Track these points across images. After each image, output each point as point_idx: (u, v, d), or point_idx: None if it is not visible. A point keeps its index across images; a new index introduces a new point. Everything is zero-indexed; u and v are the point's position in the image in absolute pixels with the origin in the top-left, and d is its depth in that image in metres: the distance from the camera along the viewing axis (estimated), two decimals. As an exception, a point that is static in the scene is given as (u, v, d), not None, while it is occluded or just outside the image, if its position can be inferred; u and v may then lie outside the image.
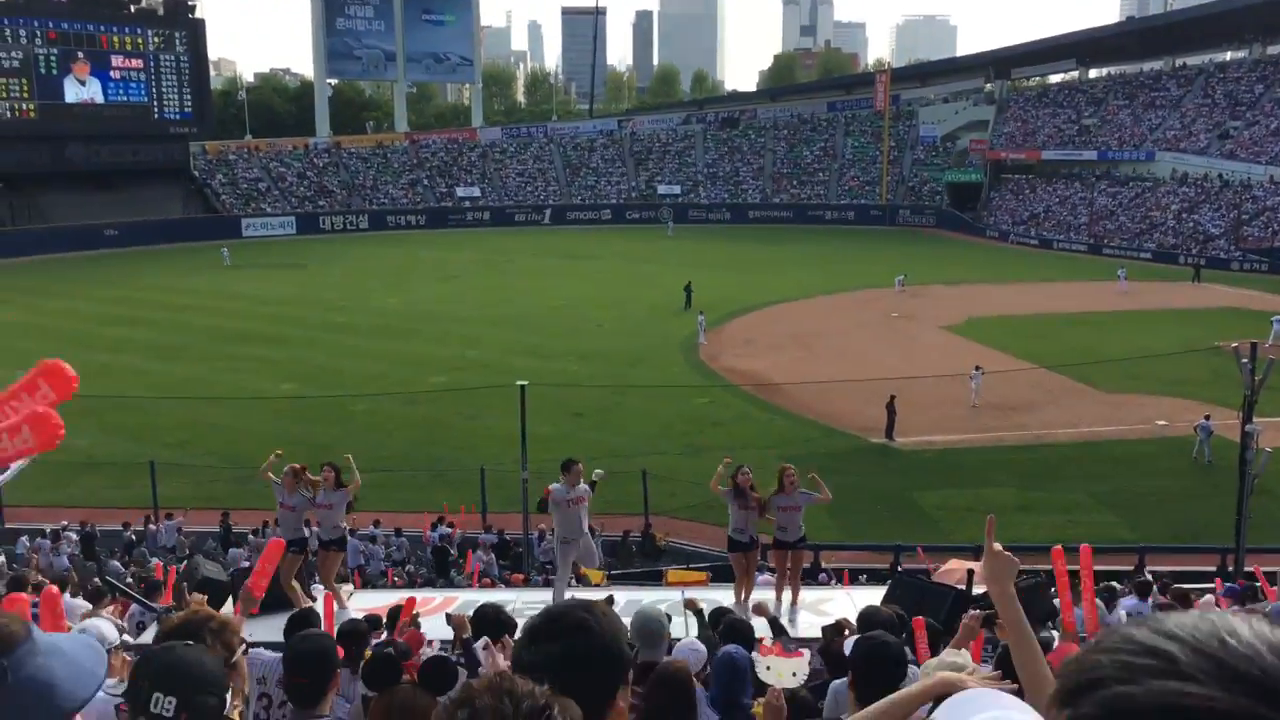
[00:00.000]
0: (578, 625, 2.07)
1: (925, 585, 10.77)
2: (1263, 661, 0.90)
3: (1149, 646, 0.94)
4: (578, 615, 2.11)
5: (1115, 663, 0.95)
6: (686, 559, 21.06)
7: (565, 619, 2.10)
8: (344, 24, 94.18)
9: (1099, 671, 0.95)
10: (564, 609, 2.16)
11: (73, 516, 22.58)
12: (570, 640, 2.05)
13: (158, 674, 2.58)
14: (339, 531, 11.72)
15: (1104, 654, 0.97)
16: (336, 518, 11.61)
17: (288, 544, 11.54)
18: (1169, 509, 23.60)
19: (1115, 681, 0.93)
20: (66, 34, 74.38)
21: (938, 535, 22.23)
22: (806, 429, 29.29)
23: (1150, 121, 79.94)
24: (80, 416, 30.35)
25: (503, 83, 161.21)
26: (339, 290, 53.63)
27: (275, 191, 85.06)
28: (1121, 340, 38.94)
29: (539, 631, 2.10)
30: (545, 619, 2.14)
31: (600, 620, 2.10)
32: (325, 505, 11.44)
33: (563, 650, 2.03)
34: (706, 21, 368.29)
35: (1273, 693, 0.88)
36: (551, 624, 2.10)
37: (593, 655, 2.04)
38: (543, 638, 2.08)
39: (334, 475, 11.51)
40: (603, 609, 2.16)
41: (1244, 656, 0.90)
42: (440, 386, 33.20)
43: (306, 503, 11.43)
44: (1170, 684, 0.90)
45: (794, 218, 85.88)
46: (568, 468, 11.54)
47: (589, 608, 2.16)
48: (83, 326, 44.18)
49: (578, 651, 2.03)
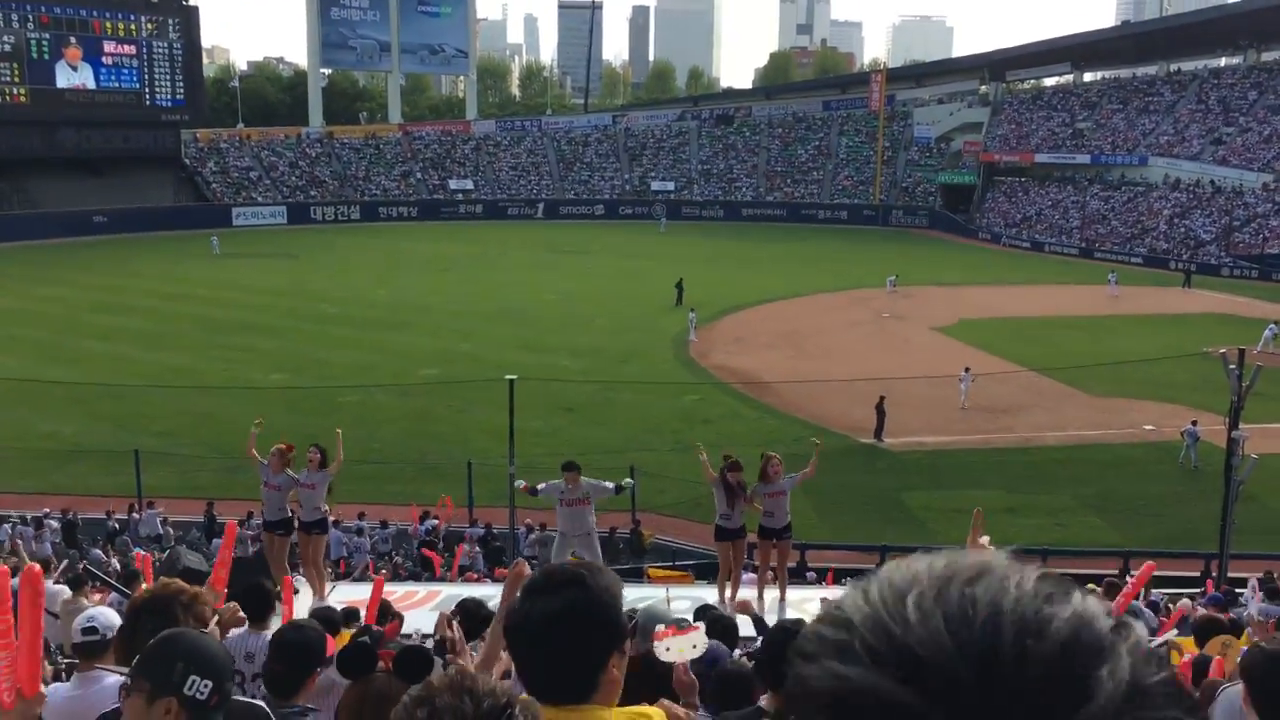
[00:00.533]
0: (573, 580, 2.05)
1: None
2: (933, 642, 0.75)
3: (841, 615, 0.81)
4: (575, 572, 2.10)
5: (813, 635, 0.82)
6: (673, 556, 21.06)
7: (562, 575, 2.09)
8: (338, 14, 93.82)
9: (801, 645, 0.82)
10: (561, 566, 2.17)
11: (56, 504, 22.46)
12: (566, 595, 2.02)
13: (194, 656, 2.57)
14: (319, 514, 11.69)
15: (819, 621, 0.84)
16: (317, 499, 11.59)
17: (274, 524, 11.53)
18: (1155, 513, 23.68)
19: (803, 658, 0.81)
20: (59, 19, 73.94)
21: (925, 536, 22.23)
22: (795, 428, 29.26)
23: (1144, 126, 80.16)
24: (67, 404, 30.30)
25: (497, 76, 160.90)
26: (330, 281, 53.45)
27: (267, 181, 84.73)
28: (1111, 344, 39.03)
29: (536, 588, 2.08)
30: (543, 575, 2.13)
31: (596, 579, 2.08)
32: (308, 485, 11.43)
33: (559, 605, 2.00)
34: (703, 18, 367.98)
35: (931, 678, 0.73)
36: (547, 579, 2.09)
37: (589, 612, 2.01)
38: (539, 593, 2.05)
39: (320, 456, 11.51)
40: (601, 569, 2.14)
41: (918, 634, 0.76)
42: (430, 379, 33.12)
43: (291, 483, 11.42)
44: (837, 666, 0.77)
45: (787, 216, 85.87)
46: (568, 468, 11.64)
47: (587, 566, 2.15)
48: (72, 313, 43.97)
49: (574, 607, 2.00)
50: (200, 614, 3.15)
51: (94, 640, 4.35)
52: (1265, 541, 20.29)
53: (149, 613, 2.98)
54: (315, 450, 11.62)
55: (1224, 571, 17.96)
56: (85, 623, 4.37)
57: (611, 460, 25.12)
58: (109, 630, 4.45)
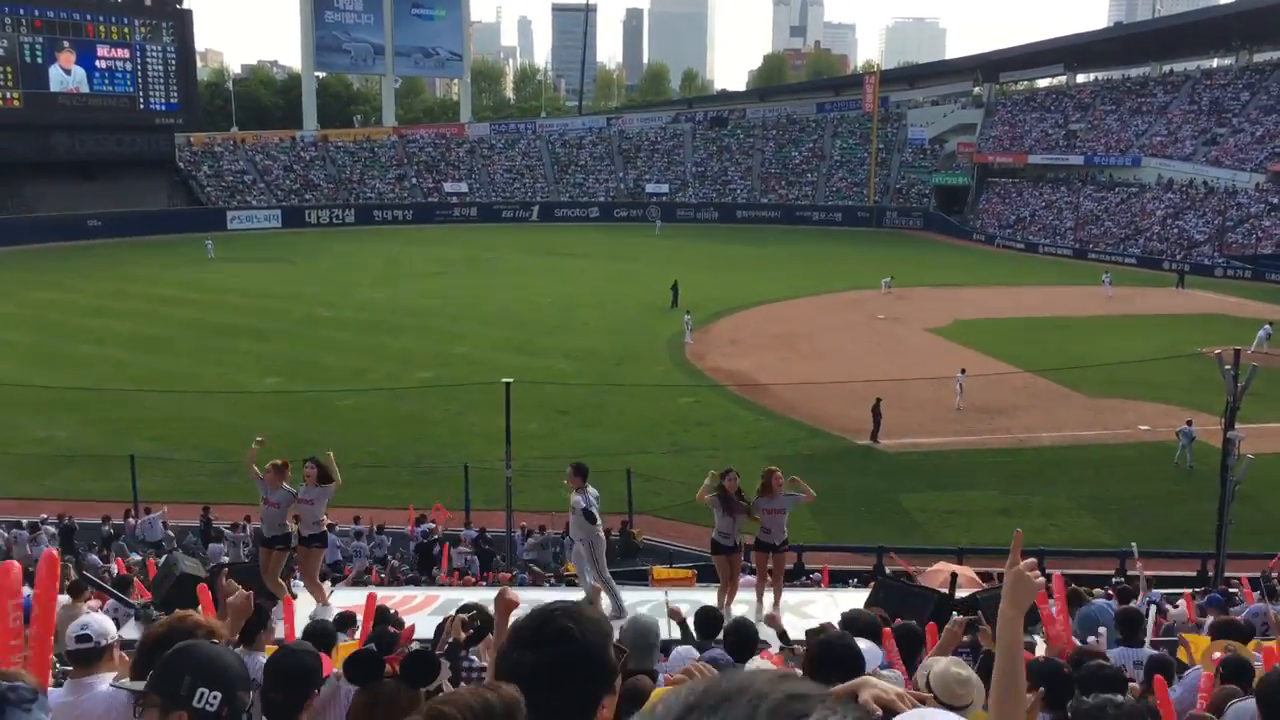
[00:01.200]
0: (560, 633, 2.06)
1: (908, 588, 10.78)
2: None
3: None
4: (561, 624, 2.09)
5: None
6: (670, 558, 21.03)
7: (549, 628, 2.08)
8: (333, 17, 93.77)
9: None
10: (548, 615, 2.13)
11: (51, 509, 22.37)
12: (552, 648, 2.03)
13: (201, 669, 2.58)
14: (319, 528, 11.63)
15: None
16: (317, 513, 11.53)
17: (270, 540, 11.46)
18: (1150, 514, 23.70)
19: None
20: (52, 22, 73.79)
21: (921, 538, 22.29)
22: (791, 430, 29.31)
23: (1136, 127, 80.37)
24: (62, 409, 30.21)
25: (492, 78, 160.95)
26: (324, 284, 53.39)
27: (261, 184, 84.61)
28: (1105, 345, 39.12)
29: (523, 637, 2.09)
30: (531, 626, 2.12)
31: (585, 627, 2.08)
32: (306, 501, 11.36)
33: (544, 658, 2.02)
34: (697, 20, 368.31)
35: None
36: (535, 631, 2.09)
37: (575, 664, 2.03)
38: (526, 644, 2.06)
39: (316, 471, 11.42)
40: (589, 615, 2.14)
41: None
42: (426, 382, 33.08)
43: (290, 498, 11.34)
44: None
45: (781, 218, 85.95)
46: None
47: (574, 615, 2.13)
48: (65, 317, 43.86)
49: (560, 660, 2.02)
50: None
51: (88, 648, 4.32)
52: (1260, 542, 20.32)
53: (161, 648, 2.97)
54: (311, 465, 11.51)
55: (1220, 572, 18.00)
56: (79, 630, 4.35)
57: (607, 463, 25.10)
58: (103, 638, 4.42)
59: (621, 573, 19.17)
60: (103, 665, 4.32)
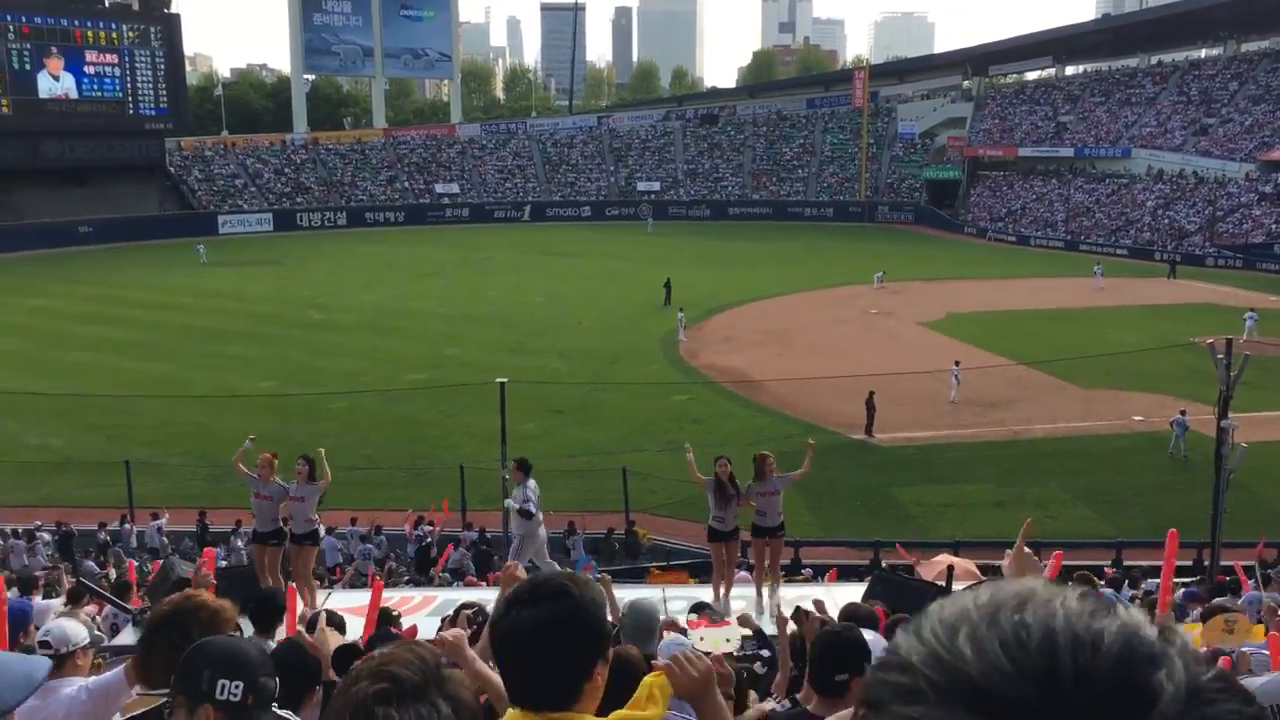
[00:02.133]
0: (559, 591, 2.07)
1: (905, 582, 10.80)
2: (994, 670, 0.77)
3: (899, 659, 0.83)
4: (559, 582, 2.11)
5: (877, 681, 0.84)
6: (668, 556, 21.09)
7: (547, 586, 2.10)
8: (321, 19, 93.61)
9: (867, 693, 0.84)
10: (546, 576, 2.18)
11: (47, 516, 22.35)
12: (550, 604, 2.04)
13: (219, 661, 2.59)
14: (311, 525, 11.66)
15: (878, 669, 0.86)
16: (308, 511, 11.55)
17: (266, 535, 11.49)
18: (1145, 504, 23.80)
19: (870, 708, 0.83)
20: (40, 28, 73.58)
21: (916, 531, 22.33)
22: (786, 425, 29.33)
23: (1126, 118, 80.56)
24: (55, 416, 30.15)
25: (481, 79, 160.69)
26: (317, 287, 53.32)
27: (252, 188, 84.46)
28: (1098, 336, 39.23)
29: (520, 597, 2.09)
30: (528, 585, 2.15)
31: (582, 590, 2.10)
32: (297, 498, 11.39)
33: (543, 615, 2.02)
34: (686, 18, 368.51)
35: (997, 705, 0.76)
36: (533, 590, 2.10)
37: (573, 622, 2.04)
38: (524, 603, 2.06)
39: (308, 469, 11.46)
40: (584, 579, 2.16)
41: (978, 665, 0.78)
42: (419, 384, 33.06)
43: (282, 493, 11.38)
44: (905, 709, 0.80)
45: (773, 214, 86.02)
46: None
47: (572, 577, 2.17)
48: (57, 325, 43.75)
49: (558, 617, 2.02)
50: (219, 630, 3.17)
51: (48, 654, 4.37)
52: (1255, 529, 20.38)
53: (165, 626, 3.00)
54: (303, 463, 11.56)
55: (1215, 560, 18.06)
56: (40, 636, 4.40)
57: (602, 461, 25.21)
58: (64, 645, 4.47)
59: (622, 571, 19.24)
60: (67, 670, 4.39)
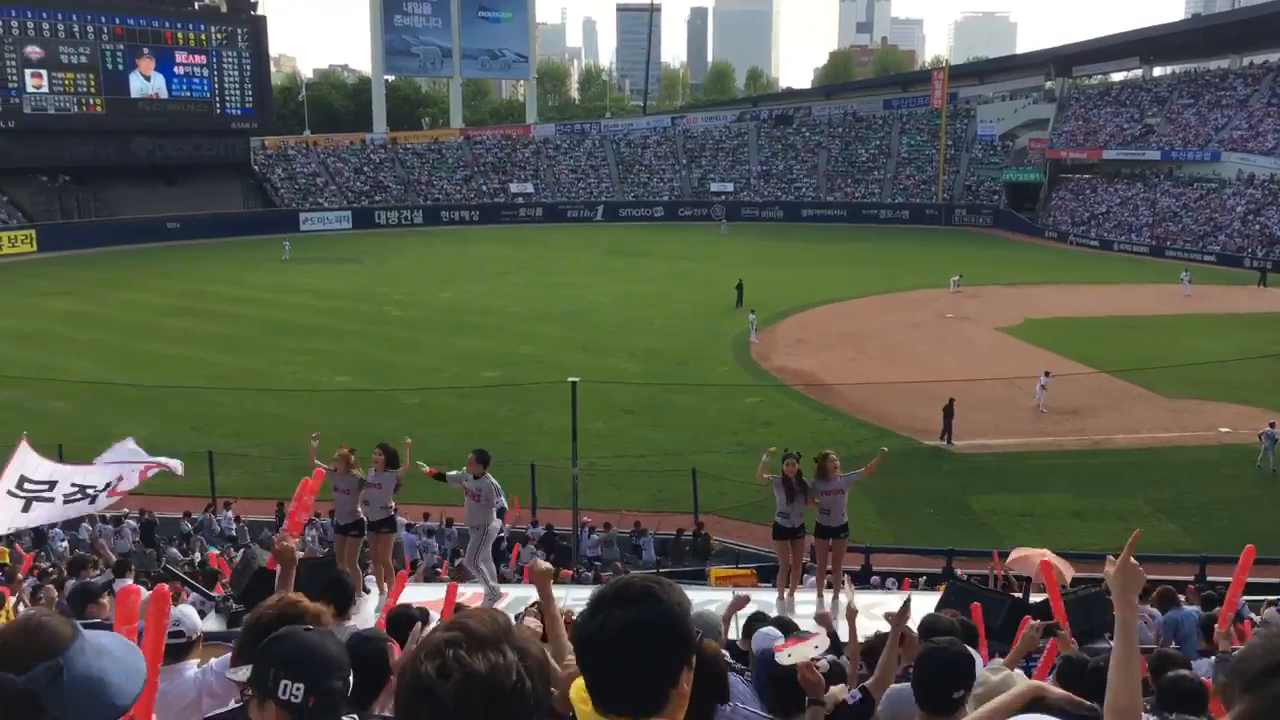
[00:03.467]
0: (646, 593, 2.03)
1: (981, 591, 10.63)
2: None
3: None
4: (646, 584, 2.07)
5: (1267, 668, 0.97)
6: (735, 559, 21.00)
7: (633, 587, 2.06)
8: (402, 21, 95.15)
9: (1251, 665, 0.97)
10: (630, 578, 2.13)
11: (133, 504, 23.04)
12: (639, 607, 1.99)
13: (284, 661, 2.58)
14: (387, 513, 11.88)
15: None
16: (385, 498, 11.76)
17: (345, 527, 11.72)
18: (1232, 518, 23.06)
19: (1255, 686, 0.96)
20: (133, 30, 75.93)
21: (991, 540, 21.90)
22: (858, 430, 29.05)
23: (1216, 121, 78.14)
24: (143, 407, 31.09)
25: (557, 79, 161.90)
26: (393, 284, 54.20)
27: (332, 186, 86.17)
28: (1184, 344, 38.16)
29: (606, 599, 2.05)
30: (613, 587, 2.10)
31: (670, 592, 2.05)
32: (375, 484, 11.59)
33: (631, 618, 1.98)
34: (762, 18, 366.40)
35: None
36: (619, 592, 2.06)
37: (664, 626, 1.99)
38: (612, 604, 2.02)
39: (384, 457, 11.66)
40: (668, 582, 2.11)
41: None
42: (492, 381, 33.43)
43: (358, 484, 11.60)
44: None
45: (848, 216, 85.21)
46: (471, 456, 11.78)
47: (657, 579, 2.12)
48: (146, 318, 45.11)
49: (649, 619, 1.98)
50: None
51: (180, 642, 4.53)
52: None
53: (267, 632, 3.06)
54: (380, 451, 11.80)
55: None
56: (172, 625, 4.54)
57: (672, 462, 25.22)
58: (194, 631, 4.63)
59: (686, 573, 19.22)
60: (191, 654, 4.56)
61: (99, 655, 1.98)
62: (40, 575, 14.41)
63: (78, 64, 73.40)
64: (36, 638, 1.94)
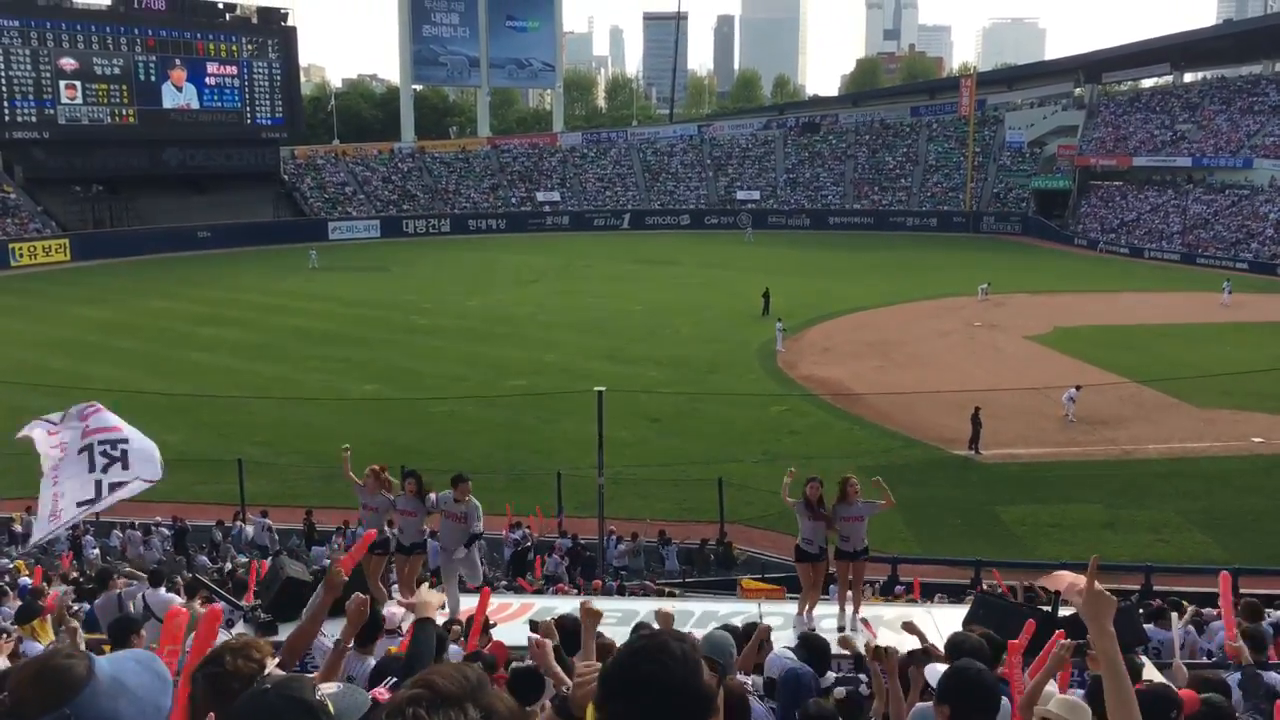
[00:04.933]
0: (676, 653, 2.05)
1: (1009, 606, 10.53)
2: None
3: None
4: (676, 642, 2.08)
5: None
6: (762, 568, 20.93)
7: (667, 645, 2.06)
8: (430, 31, 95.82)
9: None
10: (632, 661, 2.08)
11: (163, 511, 23.26)
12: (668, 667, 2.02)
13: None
14: (421, 536, 11.80)
15: None
16: (419, 524, 11.68)
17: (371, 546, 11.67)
18: (1265, 529, 22.75)
19: None
20: (165, 41, 76.90)
21: (1020, 551, 21.76)
22: (885, 439, 28.90)
23: (1248, 127, 77.25)
24: (173, 414, 31.38)
25: (584, 88, 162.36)
26: (421, 293, 54.48)
27: (361, 195, 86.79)
28: (1216, 353, 37.71)
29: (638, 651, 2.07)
30: (647, 640, 2.10)
31: (671, 665, 2.04)
32: (409, 513, 11.47)
33: (659, 673, 2.00)
34: (788, 26, 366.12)
35: None
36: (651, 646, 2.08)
37: (687, 687, 2.01)
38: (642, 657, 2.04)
39: (417, 486, 11.52)
40: (673, 650, 2.08)
41: None
42: (519, 390, 33.52)
43: (388, 505, 11.52)
44: None
45: (875, 224, 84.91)
46: (456, 483, 11.47)
47: (681, 635, 2.13)
48: (177, 326, 45.57)
49: (672, 681, 2.00)
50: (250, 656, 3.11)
51: None
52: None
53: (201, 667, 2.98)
54: (411, 480, 11.63)
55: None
56: None
57: (699, 471, 25.17)
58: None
59: (714, 583, 19.18)
60: None
61: (115, 697, 1.96)
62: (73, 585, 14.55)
63: (111, 75, 74.42)
64: (46, 686, 1.92)
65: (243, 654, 3.03)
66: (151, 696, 2.04)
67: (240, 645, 3.12)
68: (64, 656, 2.01)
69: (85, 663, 1.97)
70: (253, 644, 3.15)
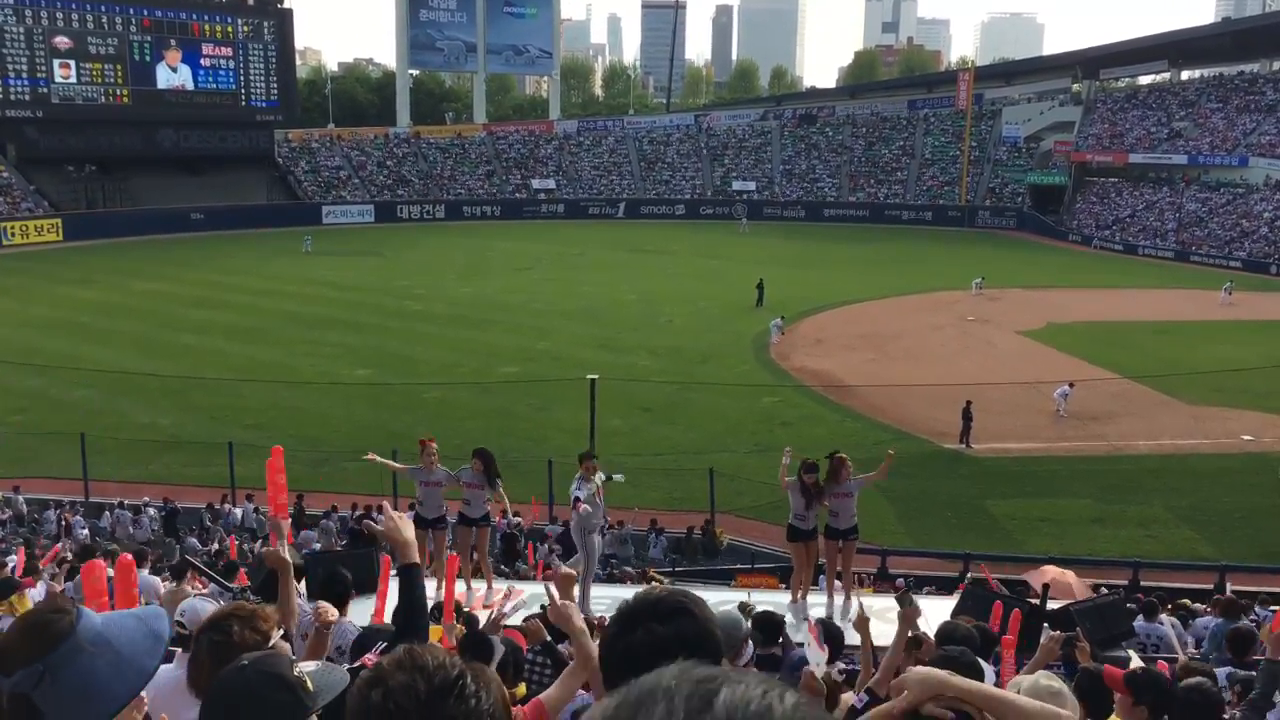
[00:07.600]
0: (678, 609, 2.02)
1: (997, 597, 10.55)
2: None
3: None
4: (679, 601, 2.06)
5: None
6: (751, 559, 20.97)
7: (665, 603, 2.05)
8: (427, 15, 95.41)
9: None
10: (660, 595, 2.11)
11: (154, 493, 23.21)
12: (676, 622, 1.99)
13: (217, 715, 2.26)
14: (484, 509, 11.97)
15: None
16: (484, 497, 11.89)
17: (433, 521, 11.72)
18: (1253, 527, 22.85)
19: None
20: (160, 21, 76.48)
21: (1010, 545, 21.80)
22: (876, 432, 28.93)
23: (1245, 126, 77.37)
24: (164, 396, 31.32)
25: (581, 76, 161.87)
26: (415, 279, 54.36)
27: (355, 180, 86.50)
28: (1207, 351, 37.80)
29: (639, 614, 2.03)
30: (643, 602, 2.08)
31: (701, 607, 2.06)
32: (476, 486, 11.69)
33: (672, 632, 1.97)
34: (787, 17, 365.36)
35: None
36: (653, 606, 2.04)
37: (699, 639, 1.98)
38: (648, 619, 2.00)
39: (483, 466, 11.68)
40: (695, 595, 2.11)
41: None
42: (511, 377, 33.48)
43: (451, 479, 11.68)
44: None
45: (870, 217, 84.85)
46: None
47: (684, 593, 2.12)
48: (168, 308, 45.42)
49: (686, 634, 1.97)
50: (257, 628, 3.11)
51: (184, 634, 4.55)
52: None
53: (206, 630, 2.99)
54: (478, 460, 11.83)
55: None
56: (177, 616, 4.57)
57: (690, 460, 25.20)
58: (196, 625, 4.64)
59: (702, 572, 19.20)
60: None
61: (94, 656, 1.93)
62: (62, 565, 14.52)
63: (105, 55, 74.02)
64: (27, 639, 1.92)
65: (250, 624, 3.03)
66: (136, 657, 1.99)
67: (248, 614, 3.12)
68: (52, 611, 1.99)
69: (69, 618, 1.94)
70: (260, 614, 3.15)
